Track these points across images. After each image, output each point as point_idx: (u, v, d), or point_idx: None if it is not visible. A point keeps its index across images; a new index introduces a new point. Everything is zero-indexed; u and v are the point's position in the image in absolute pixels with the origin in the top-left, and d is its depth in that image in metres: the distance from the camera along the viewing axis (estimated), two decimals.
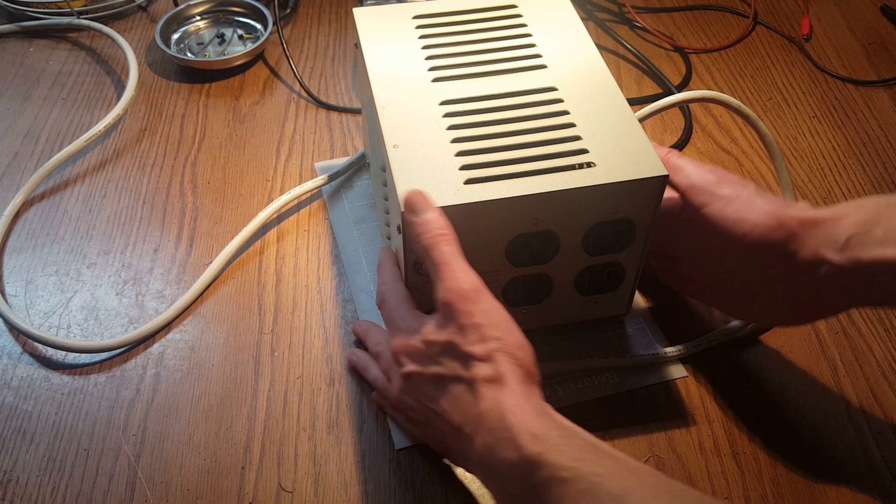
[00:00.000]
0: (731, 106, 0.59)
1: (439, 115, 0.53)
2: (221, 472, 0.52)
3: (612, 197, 0.49)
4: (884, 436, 0.54)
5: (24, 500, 0.51)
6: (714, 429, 0.55)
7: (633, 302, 0.58)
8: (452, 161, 0.50)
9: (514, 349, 0.43)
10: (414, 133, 0.51)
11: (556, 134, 0.51)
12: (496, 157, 0.50)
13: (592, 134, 0.51)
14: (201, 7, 0.87)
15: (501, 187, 0.48)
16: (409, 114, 0.53)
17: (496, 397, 0.42)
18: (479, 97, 0.54)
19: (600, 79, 0.56)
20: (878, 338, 0.60)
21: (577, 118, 0.53)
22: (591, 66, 0.57)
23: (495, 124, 0.52)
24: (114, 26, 0.88)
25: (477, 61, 0.57)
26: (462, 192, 0.48)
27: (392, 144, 0.51)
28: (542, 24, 0.60)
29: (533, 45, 0.58)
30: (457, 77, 0.56)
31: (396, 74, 0.56)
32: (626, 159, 0.50)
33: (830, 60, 0.84)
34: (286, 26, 0.88)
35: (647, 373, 0.57)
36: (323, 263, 0.64)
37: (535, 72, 0.56)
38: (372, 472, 0.52)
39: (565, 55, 0.57)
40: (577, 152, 0.50)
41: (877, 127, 0.77)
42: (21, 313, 0.61)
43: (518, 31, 0.59)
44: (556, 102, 0.54)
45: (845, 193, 0.70)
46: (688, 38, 0.87)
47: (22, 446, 0.53)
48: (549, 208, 0.49)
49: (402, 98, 0.54)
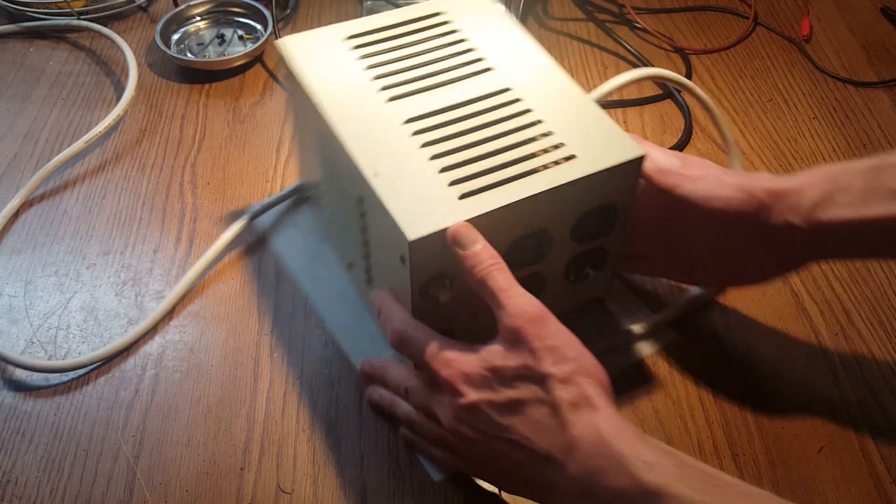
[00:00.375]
0: (681, 83, 0.62)
1: (408, 135, 0.51)
2: (220, 473, 0.52)
3: (600, 184, 0.50)
4: (883, 437, 0.54)
5: (23, 500, 0.51)
6: (713, 430, 0.54)
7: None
8: (439, 179, 0.48)
9: (593, 369, 0.43)
10: (390, 158, 0.50)
11: (528, 133, 0.51)
12: (480, 167, 0.49)
13: (561, 126, 0.52)
14: (201, 7, 0.87)
15: (497, 196, 0.47)
16: (376, 139, 0.51)
17: (590, 421, 0.41)
18: (440, 110, 0.52)
19: (547, 72, 0.56)
20: (877, 339, 0.60)
21: (542, 114, 0.52)
22: (535, 62, 0.57)
23: (466, 134, 0.51)
24: (114, 27, 0.88)
25: (424, 74, 0.55)
26: (461, 208, 0.47)
27: (372, 174, 0.48)
28: (475, 29, 0.59)
29: (472, 50, 0.57)
30: (410, 93, 0.54)
31: (348, 100, 0.53)
32: (602, 145, 0.50)
33: (830, 61, 0.84)
34: (286, 27, 0.88)
35: (643, 345, 0.59)
36: None
37: (483, 76, 0.55)
38: (371, 474, 0.52)
39: (507, 55, 0.57)
40: (555, 147, 0.50)
41: (877, 128, 0.77)
42: (20, 314, 0.61)
43: (453, 37, 0.58)
44: (516, 102, 0.53)
45: None
46: (688, 39, 0.87)
47: (21, 447, 0.53)
48: (544, 206, 0.49)
49: (363, 124, 0.52)
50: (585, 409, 0.41)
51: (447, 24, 0.59)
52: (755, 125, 0.77)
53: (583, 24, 0.89)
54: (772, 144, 0.75)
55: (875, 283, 0.63)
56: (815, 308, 0.62)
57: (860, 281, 0.63)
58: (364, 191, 0.49)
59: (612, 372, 0.44)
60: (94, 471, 0.52)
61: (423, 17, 0.60)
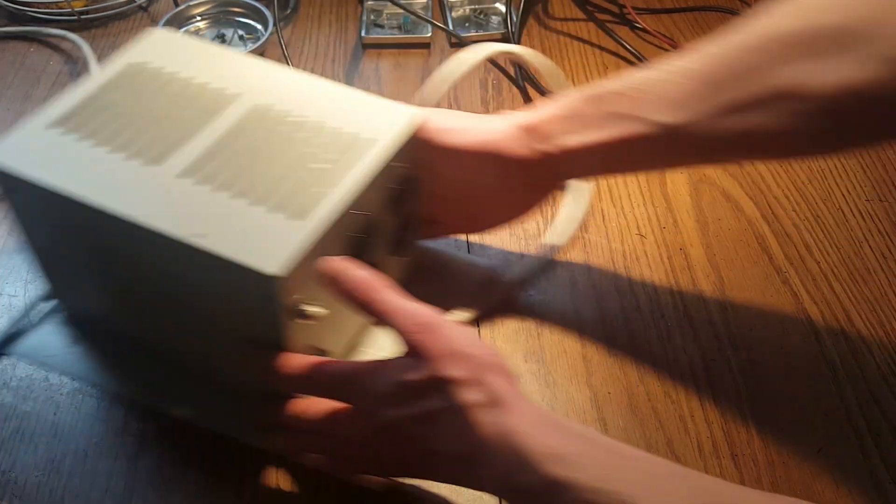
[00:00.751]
0: (508, 52, 0.65)
1: (193, 186, 0.48)
2: (221, 472, 0.52)
3: (401, 156, 0.52)
4: (883, 438, 0.54)
5: (23, 500, 0.51)
6: (713, 430, 0.54)
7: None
8: (255, 212, 0.47)
9: (494, 362, 0.44)
10: (193, 215, 0.46)
11: (307, 133, 0.51)
12: (290, 185, 0.48)
13: (332, 116, 0.52)
14: (202, 7, 0.87)
15: (324, 202, 0.47)
16: (166, 203, 0.47)
17: (498, 421, 0.41)
18: (210, 150, 0.50)
19: (288, 77, 0.56)
20: (877, 340, 0.60)
21: (308, 111, 0.53)
22: (269, 72, 0.56)
23: (254, 161, 0.50)
24: (115, 27, 0.88)
25: (170, 125, 0.52)
26: (297, 227, 0.46)
27: (190, 236, 0.45)
28: (185, 63, 0.56)
29: (205, 84, 0.54)
30: (168, 150, 0.50)
31: (105, 181, 0.48)
32: (378, 119, 0.53)
33: None
34: (286, 27, 0.88)
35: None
36: None
37: (233, 104, 0.53)
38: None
39: (237, 76, 0.55)
40: (345, 136, 0.51)
41: None
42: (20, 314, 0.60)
43: (172, 79, 0.55)
44: (285, 115, 0.52)
45: (845, 195, 0.70)
46: (688, 39, 0.87)
47: (21, 447, 0.53)
48: (366, 196, 0.50)
49: (140, 195, 0.47)
50: (495, 410, 0.42)
51: (158, 71, 0.55)
52: None
53: (583, 25, 0.89)
54: None
55: (875, 283, 0.63)
56: (815, 308, 0.62)
57: (860, 281, 0.63)
58: (190, 256, 0.46)
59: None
60: (93, 470, 0.52)
61: (125, 74, 0.55)
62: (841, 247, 0.66)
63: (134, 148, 0.50)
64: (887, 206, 0.69)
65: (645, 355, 0.59)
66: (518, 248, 0.66)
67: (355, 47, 0.86)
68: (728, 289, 0.63)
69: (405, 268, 0.60)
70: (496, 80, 0.81)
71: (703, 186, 0.71)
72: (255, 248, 0.45)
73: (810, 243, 0.66)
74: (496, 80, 0.81)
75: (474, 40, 0.85)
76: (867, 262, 0.65)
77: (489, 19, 0.88)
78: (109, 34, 0.87)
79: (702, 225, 0.68)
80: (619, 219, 0.68)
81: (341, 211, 0.47)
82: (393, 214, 0.54)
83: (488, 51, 0.63)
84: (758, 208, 0.69)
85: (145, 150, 0.50)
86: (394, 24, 0.88)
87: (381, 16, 0.88)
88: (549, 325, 0.61)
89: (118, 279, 0.54)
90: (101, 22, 0.88)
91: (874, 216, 0.68)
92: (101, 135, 0.51)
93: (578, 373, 0.58)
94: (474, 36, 0.86)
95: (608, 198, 0.70)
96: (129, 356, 0.57)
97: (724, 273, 0.64)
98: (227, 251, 0.44)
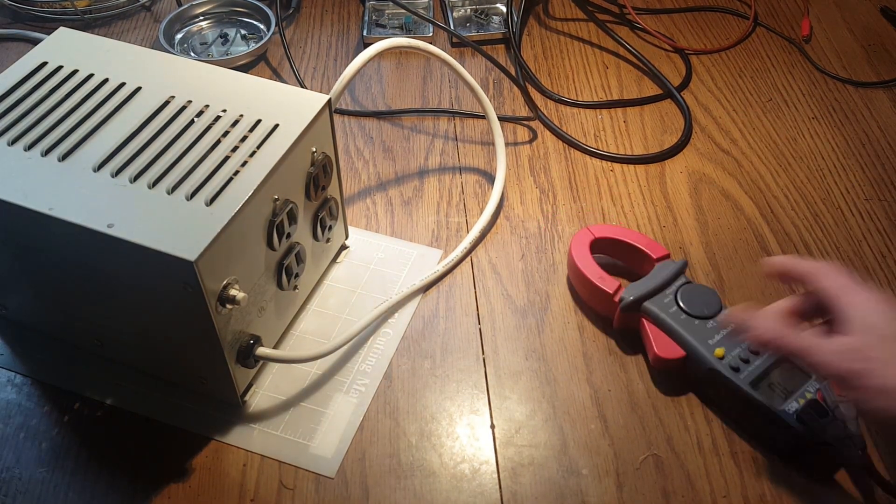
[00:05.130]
0: (416, 47, 0.65)
1: (109, 177, 0.49)
2: (223, 469, 0.53)
3: (314, 137, 0.54)
4: (883, 437, 0.54)
5: (27, 496, 0.51)
6: (712, 428, 0.55)
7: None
8: (171, 200, 0.48)
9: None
10: (109, 207, 0.47)
11: (215, 121, 0.53)
12: (201, 172, 0.50)
13: (240, 104, 0.54)
14: (205, 7, 0.87)
15: (238, 187, 0.49)
16: (82, 197, 0.48)
17: None
18: (126, 141, 0.51)
19: (189, 67, 0.57)
20: None
21: (218, 104, 0.54)
22: (171, 64, 0.58)
23: (166, 151, 0.51)
24: (118, 26, 0.88)
25: (78, 120, 0.53)
26: (215, 214, 0.47)
27: (106, 225, 0.46)
28: (87, 59, 0.57)
29: (106, 79, 0.56)
30: (78, 144, 0.51)
31: (20, 179, 0.49)
32: (287, 106, 0.54)
33: (830, 62, 0.85)
34: (289, 26, 0.89)
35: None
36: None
37: (137, 97, 0.55)
38: (372, 470, 0.53)
39: (141, 70, 0.56)
40: (252, 123, 0.53)
41: (876, 128, 0.77)
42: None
43: (79, 75, 0.56)
44: (188, 105, 0.54)
45: (844, 195, 0.70)
46: (688, 40, 0.87)
47: (25, 443, 0.54)
48: (278, 180, 0.51)
49: (56, 190, 0.48)
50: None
51: (60, 69, 0.56)
52: (755, 125, 0.77)
53: (583, 25, 0.89)
54: (771, 144, 0.75)
55: (874, 282, 0.63)
56: None
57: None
58: (105, 256, 0.47)
59: None
60: (97, 467, 0.53)
61: (32, 74, 0.56)
62: (840, 246, 0.66)
63: (46, 144, 0.51)
64: (886, 205, 0.70)
65: (645, 353, 0.59)
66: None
67: (357, 47, 0.86)
68: (727, 287, 0.63)
69: (328, 255, 0.63)
70: (497, 79, 0.82)
71: (703, 186, 0.71)
72: (172, 235, 0.46)
73: (809, 242, 0.67)
74: (497, 80, 0.82)
75: (475, 40, 0.86)
76: (866, 261, 0.65)
77: (490, 19, 0.89)
78: (113, 33, 0.87)
79: (701, 224, 0.68)
80: (619, 217, 0.68)
81: (252, 194, 0.49)
82: (311, 198, 0.56)
83: (385, 45, 0.64)
84: (757, 207, 0.69)
85: (57, 146, 0.51)
86: (395, 24, 0.88)
87: (383, 15, 0.89)
88: (550, 322, 0.61)
89: (45, 282, 0.54)
90: (105, 21, 0.88)
91: (873, 216, 0.69)
92: (12, 133, 0.52)
93: (579, 370, 0.58)
94: (475, 36, 0.86)
95: (608, 197, 0.70)
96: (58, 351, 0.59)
97: (724, 271, 0.64)
98: (144, 240, 0.45)
